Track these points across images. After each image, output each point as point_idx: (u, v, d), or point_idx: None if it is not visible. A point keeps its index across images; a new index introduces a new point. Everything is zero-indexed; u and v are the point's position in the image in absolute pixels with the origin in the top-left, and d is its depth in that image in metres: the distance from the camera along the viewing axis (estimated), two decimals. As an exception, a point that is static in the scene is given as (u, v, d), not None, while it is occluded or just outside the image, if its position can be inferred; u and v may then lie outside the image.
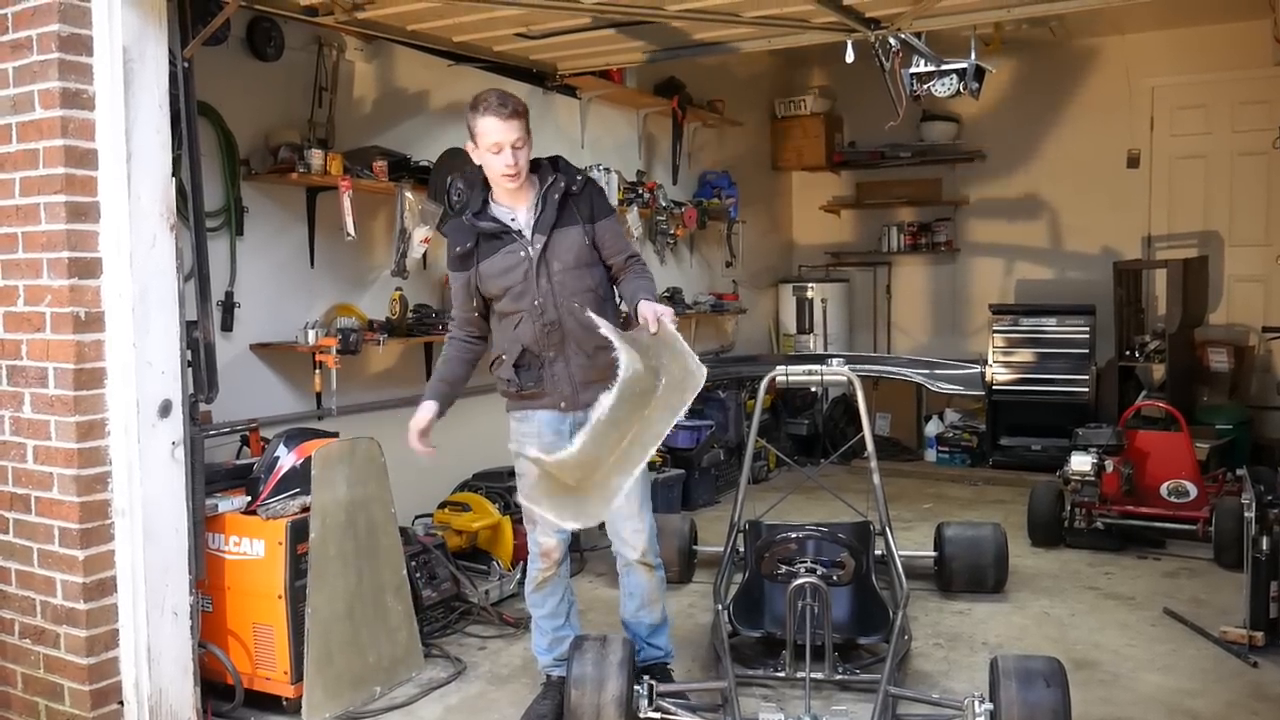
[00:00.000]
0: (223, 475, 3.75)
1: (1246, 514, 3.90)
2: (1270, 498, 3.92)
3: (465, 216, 3.39)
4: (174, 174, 3.35)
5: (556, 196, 3.31)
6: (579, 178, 3.36)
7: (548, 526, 3.39)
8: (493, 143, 3.20)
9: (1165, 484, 5.56)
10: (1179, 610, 4.48)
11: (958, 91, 3.96)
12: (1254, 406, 7.52)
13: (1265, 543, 3.87)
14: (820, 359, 4.87)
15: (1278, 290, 7.71)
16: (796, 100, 8.77)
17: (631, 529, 3.45)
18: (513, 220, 3.34)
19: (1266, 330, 7.31)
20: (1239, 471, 5.39)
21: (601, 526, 3.39)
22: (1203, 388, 7.57)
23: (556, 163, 3.39)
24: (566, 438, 3.22)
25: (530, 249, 3.30)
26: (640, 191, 6.82)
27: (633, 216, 6.61)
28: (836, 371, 4.71)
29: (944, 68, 3.92)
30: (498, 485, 5.20)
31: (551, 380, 3.36)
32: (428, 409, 3.45)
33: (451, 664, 4.02)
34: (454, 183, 5.06)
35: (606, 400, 2.81)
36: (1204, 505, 5.42)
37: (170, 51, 3.32)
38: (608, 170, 6.43)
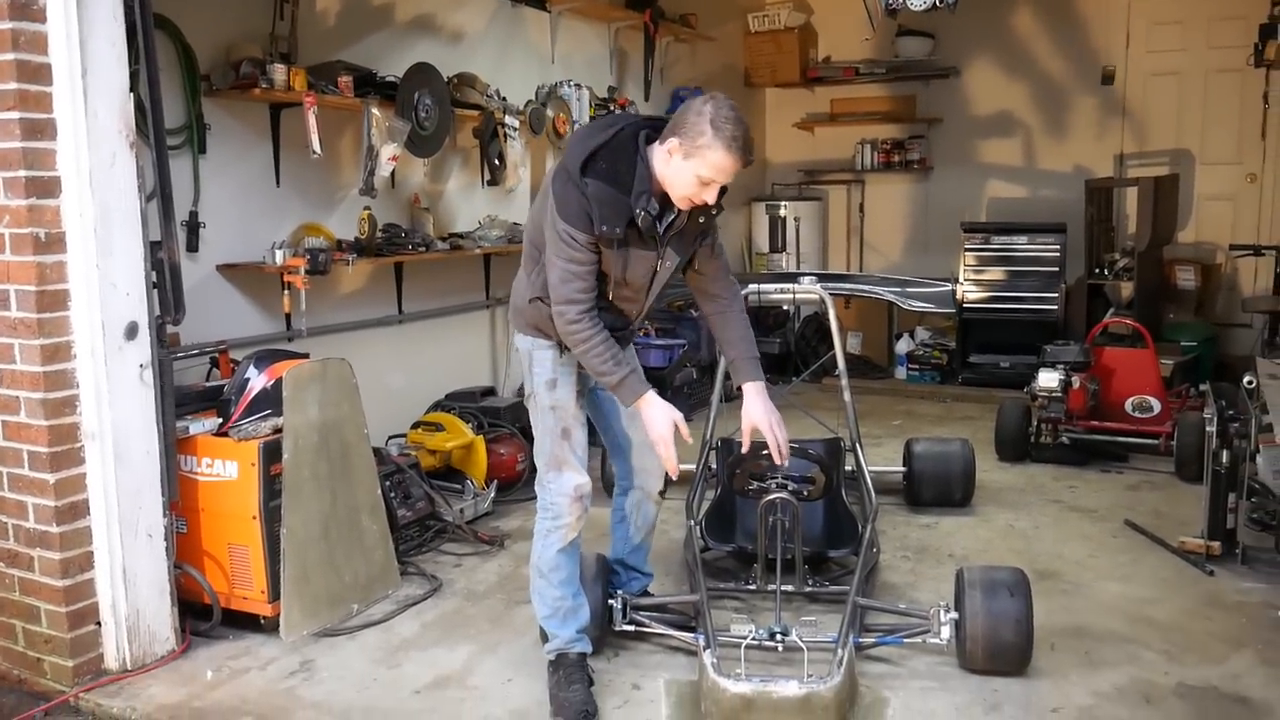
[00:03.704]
0: (193, 397, 3.72)
1: (1208, 429, 3.97)
2: (1231, 413, 3.99)
3: (639, 208, 2.81)
4: (132, 89, 3.25)
5: (702, 220, 2.97)
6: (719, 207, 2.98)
7: (581, 463, 3.10)
8: (711, 177, 2.75)
9: (1130, 400, 5.65)
10: (1140, 522, 4.58)
11: (934, 5, 3.90)
12: (1219, 324, 7.64)
13: (1225, 456, 3.95)
14: (792, 277, 4.87)
15: (1246, 209, 7.76)
16: (770, 14, 8.63)
17: (652, 458, 3.21)
18: (659, 224, 2.91)
19: (1234, 249, 7.37)
20: (1202, 387, 5.48)
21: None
22: (1170, 305, 7.66)
23: None
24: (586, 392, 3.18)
25: (662, 259, 2.96)
26: (611, 108, 6.72)
27: (604, 134, 6.51)
28: (808, 290, 4.72)
29: (920, -20, 3.85)
30: (470, 405, 5.22)
31: None
32: (659, 403, 2.99)
33: (428, 581, 4.07)
34: (421, 99, 4.97)
35: None
36: (1167, 420, 5.52)
37: (123, -39, 3.20)
38: (579, 86, 6.33)
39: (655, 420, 2.96)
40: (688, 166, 2.75)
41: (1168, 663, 3.31)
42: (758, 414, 3.16)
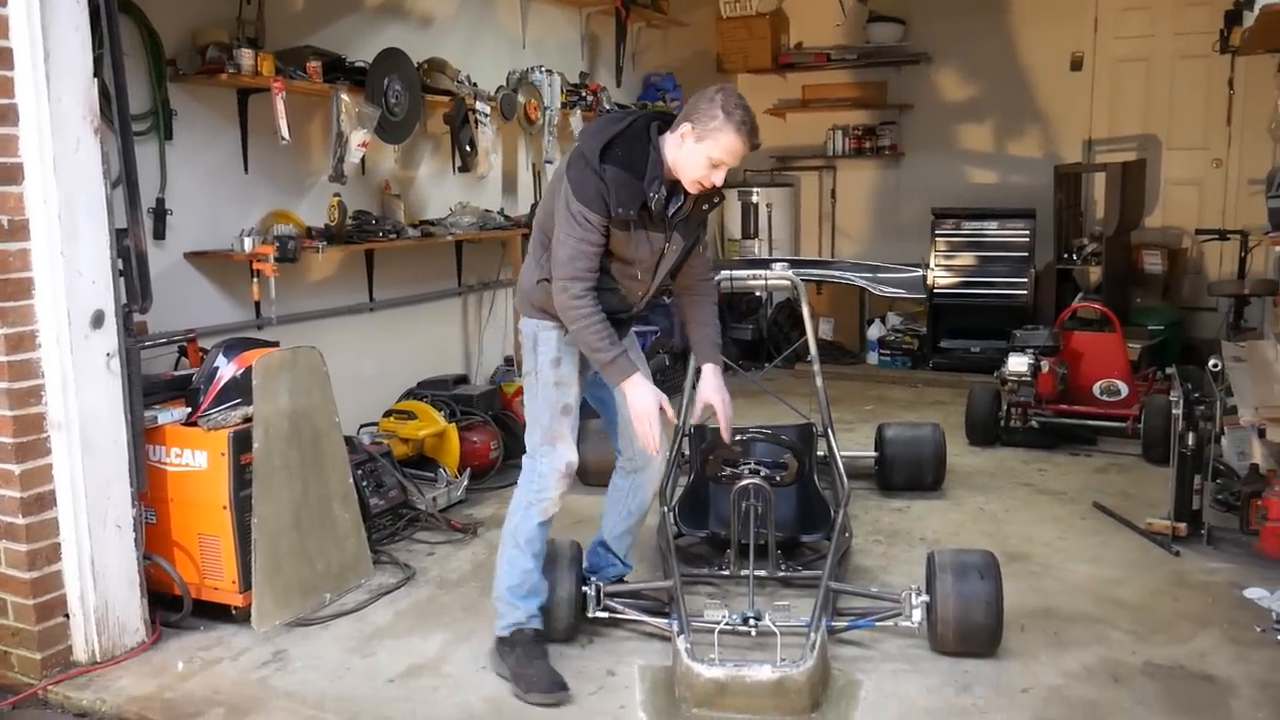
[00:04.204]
0: (161, 386, 3.69)
1: (1174, 411, 4.02)
2: (1197, 396, 4.04)
3: (652, 192, 2.97)
4: (96, 74, 3.21)
5: (706, 208, 3.17)
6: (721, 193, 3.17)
7: (573, 440, 3.22)
8: (721, 159, 2.93)
9: (1098, 383, 5.71)
10: (1108, 504, 4.64)
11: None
12: (1185, 308, 7.73)
13: (1191, 438, 4.00)
14: (765, 263, 4.88)
15: (1212, 194, 7.85)
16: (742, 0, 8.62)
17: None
18: (668, 208, 3.08)
19: (1199, 233, 7.45)
20: (1168, 371, 5.55)
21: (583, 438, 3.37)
22: (1137, 289, 7.74)
23: None
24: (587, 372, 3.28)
25: (669, 243, 3.13)
26: (583, 94, 6.69)
27: (576, 119, 6.50)
28: (780, 275, 4.72)
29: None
30: (443, 393, 5.20)
31: None
32: (646, 384, 3.08)
33: (401, 570, 4.05)
34: (391, 84, 4.93)
35: None
36: (1134, 404, 5.59)
37: (85, -57, 3.15)
38: (550, 72, 6.30)
39: (640, 400, 3.06)
40: (700, 149, 2.94)
41: (1135, 642, 3.35)
42: (711, 391, 3.33)
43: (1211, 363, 4.18)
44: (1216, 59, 6.78)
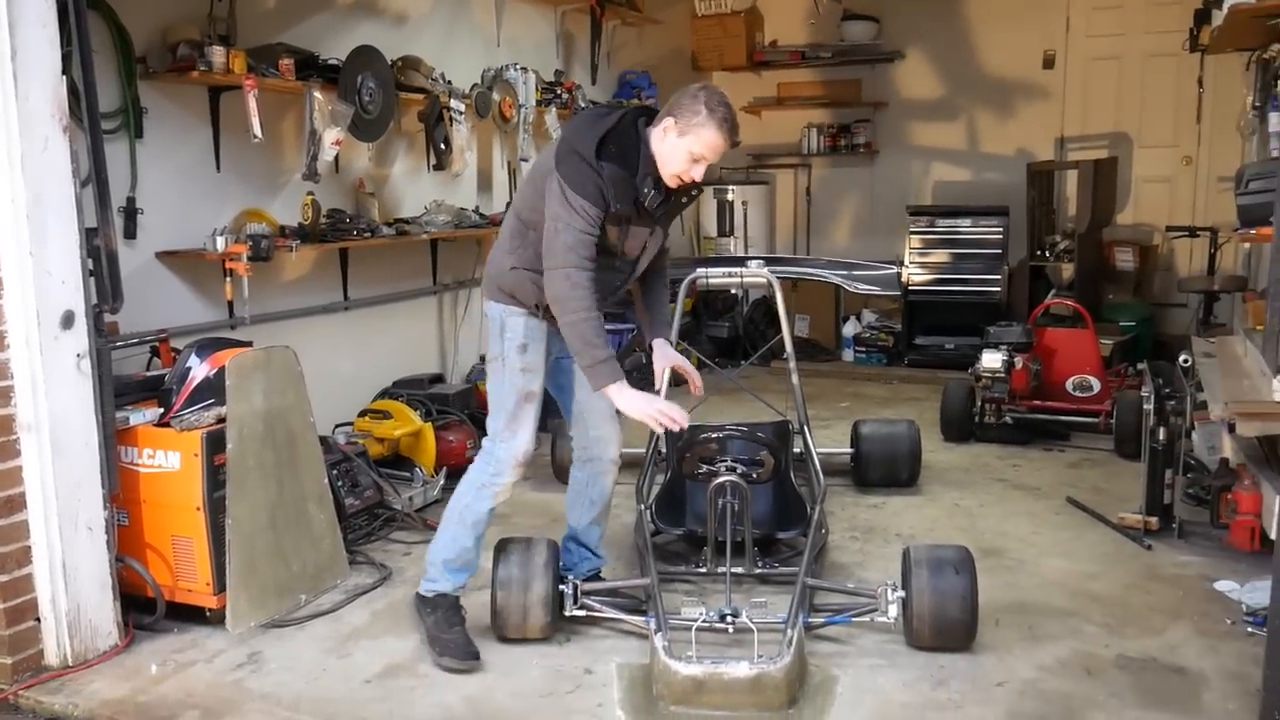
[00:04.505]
0: (133, 387, 3.66)
1: (1145, 406, 4.06)
2: (1168, 391, 4.09)
3: (645, 188, 3.05)
4: (65, 72, 3.17)
5: (685, 200, 3.25)
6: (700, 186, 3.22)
7: (534, 428, 3.28)
8: (702, 154, 3.00)
9: (1071, 379, 5.76)
10: (1081, 499, 4.68)
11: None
12: (1156, 304, 7.81)
13: (1162, 433, 4.04)
14: (740, 261, 4.89)
15: (1182, 191, 7.93)
16: (717, -3, 8.63)
17: (611, 426, 3.43)
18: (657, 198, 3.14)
19: (1170, 230, 7.53)
20: (1140, 366, 5.61)
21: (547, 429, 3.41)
22: (1109, 286, 7.81)
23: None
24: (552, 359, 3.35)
25: (652, 235, 3.24)
26: (559, 92, 6.68)
27: (551, 118, 6.48)
28: (756, 273, 4.73)
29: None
30: (419, 392, 5.18)
31: None
32: (634, 391, 3.08)
33: (377, 570, 4.04)
34: (365, 82, 4.90)
35: None
36: (1106, 399, 5.64)
37: (53, -61, 3.11)
38: (525, 70, 6.28)
39: (631, 406, 3.06)
40: (682, 144, 3.00)
41: (1108, 635, 3.39)
42: (671, 355, 3.50)
43: (1182, 358, 4.22)
44: (1186, 57, 6.84)
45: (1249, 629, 3.37)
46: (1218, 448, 4.19)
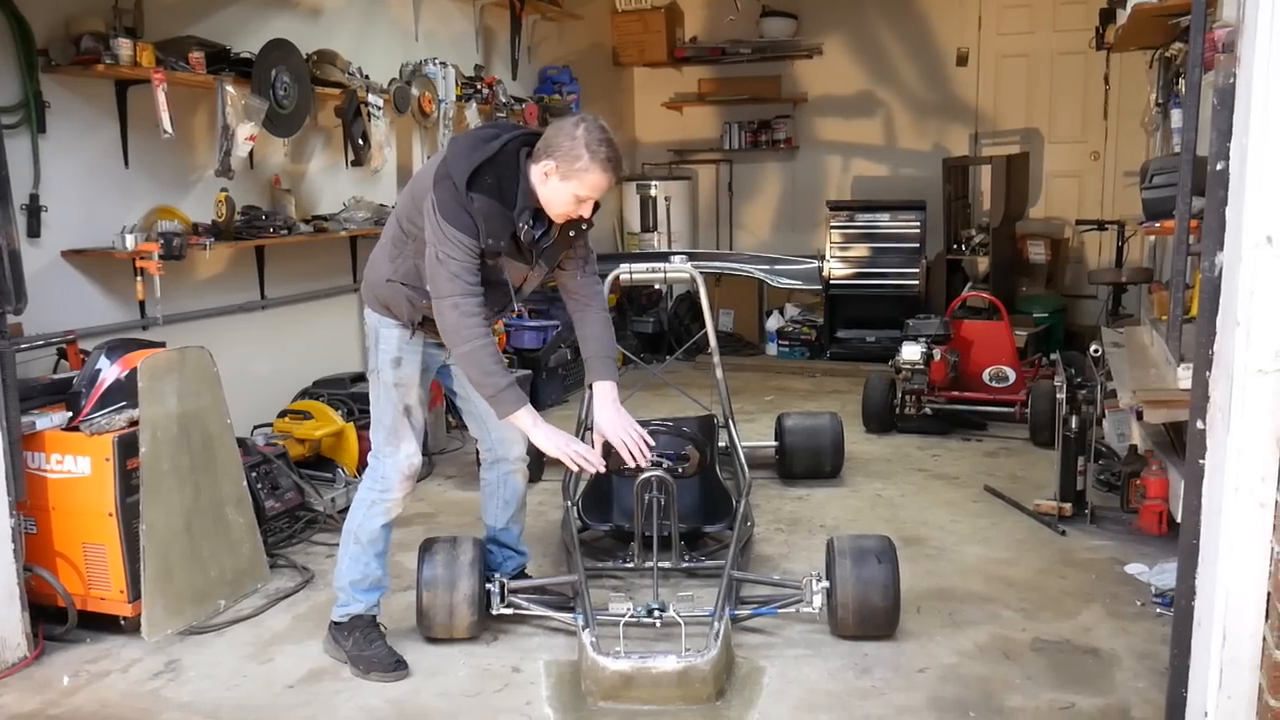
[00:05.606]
0: (39, 390, 3.53)
1: (1058, 396, 4.17)
2: (1079, 380, 4.20)
3: (522, 222, 2.94)
4: (-40, 64, 3.06)
5: (572, 234, 3.10)
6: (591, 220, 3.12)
7: (417, 440, 3.22)
8: (588, 195, 2.92)
9: (987, 370, 5.90)
10: (998, 487, 4.80)
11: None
12: (1068, 295, 8.04)
13: (1074, 422, 4.16)
14: (664, 256, 4.90)
15: (1091, 185, 8.17)
16: (639, -9, 8.64)
17: (511, 426, 3.24)
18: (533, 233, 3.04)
19: (1080, 223, 7.75)
20: (1053, 357, 5.76)
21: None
22: (1022, 278, 8.02)
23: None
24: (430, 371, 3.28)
25: (533, 269, 3.13)
26: (479, 87, 6.62)
27: (471, 113, 6.42)
28: (679, 268, 4.75)
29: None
30: (340, 392, 5.09)
31: None
32: (543, 424, 3.06)
33: (299, 573, 3.97)
34: (279, 76, 4.80)
35: None
36: (1022, 389, 5.79)
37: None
38: (444, 65, 6.21)
39: (544, 442, 3.03)
40: (565, 188, 2.90)
41: (1025, 619, 3.48)
42: (608, 425, 3.20)
43: (1092, 348, 4.35)
44: (1093, 55, 7.04)
45: (1158, 610, 3.49)
46: (1127, 435, 4.32)
